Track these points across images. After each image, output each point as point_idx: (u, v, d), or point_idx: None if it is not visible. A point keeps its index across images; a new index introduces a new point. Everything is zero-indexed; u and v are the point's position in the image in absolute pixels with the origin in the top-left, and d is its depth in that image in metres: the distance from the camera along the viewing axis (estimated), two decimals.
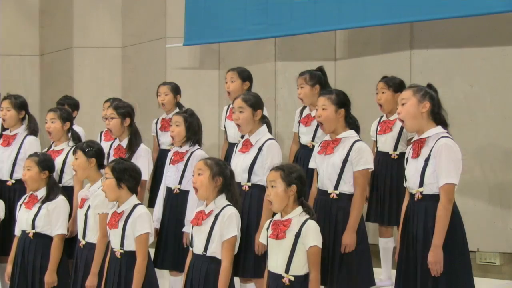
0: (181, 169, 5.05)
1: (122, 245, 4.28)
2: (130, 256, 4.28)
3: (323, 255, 3.95)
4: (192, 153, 5.04)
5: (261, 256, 4.51)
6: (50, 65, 9.63)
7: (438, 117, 3.98)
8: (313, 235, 3.81)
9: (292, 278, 3.79)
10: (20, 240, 5.01)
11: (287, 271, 3.81)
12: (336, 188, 4.32)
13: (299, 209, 3.89)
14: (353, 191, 4.31)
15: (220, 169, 4.10)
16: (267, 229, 3.96)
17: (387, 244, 5.47)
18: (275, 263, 3.87)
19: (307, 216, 3.87)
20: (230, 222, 4.00)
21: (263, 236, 4.03)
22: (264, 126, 4.76)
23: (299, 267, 3.80)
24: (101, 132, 6.50)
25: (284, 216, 3.89)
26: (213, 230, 4.01)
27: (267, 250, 3.96)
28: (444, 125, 3.99)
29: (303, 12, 6.61)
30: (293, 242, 3.80)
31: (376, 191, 5.36)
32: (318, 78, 5.55)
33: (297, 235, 3.80)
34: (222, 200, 4.09)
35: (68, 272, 4.87)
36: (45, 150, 5.55)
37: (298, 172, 3.93)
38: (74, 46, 9.07)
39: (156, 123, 6.57)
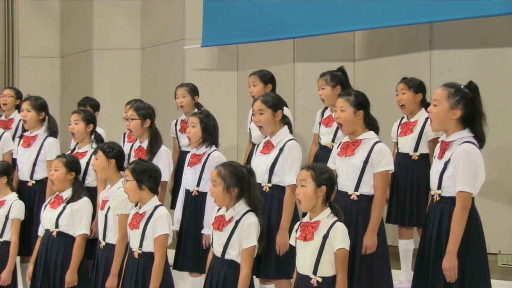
0: (199, 171, 5.05)
1: (141, 245, 4.30)
2: (148, 257, 4.29)
3: None
4: (209, 154, 5.03)
5: (282, 257, 4.52)
6: (70, 67, 9.70)
7: (469, 120, 3.91)
8: (340, 237, 3.79)
9: (320, 280, 3.78)
10: (44, 238, 5.04)
11: (315, 272, 3.80)
12: (356, 189, 4.30)
13: (327, 210, 3.88)
14: (373, 193, 4.29)
15: (235, 180, 4.04)
16: (296, 231, 3.96)
17: (407, 246, 5.45)
18: (303, 265, 3.86)
19: (336, 218, 3.86)
20: (249, 232, 3.99)
21: (292, 238, 4.03)
22: (285, 127, 4.75)
23: (327, 269, 3.79)
24: (124, 134, 6.53)
25: (313, 218, 3.88)
26: (232, 237, 4.01)
27: (295, 252, 3.95)
28: (478, 126, 3.90)
29: (322, 13, 6.60)
30: (321, 244, 3.79)
31: (396, 192, 5.35)
32: (339, 79, 5.54)
33: (325, 237, 3.79)
34: (241, 206, 4.07)
35: (88, 273, 4.89)
36: (69, 152, 5.59)
37: (329, 173, 3.92)
38: (94, 48, 9.13)
39: (176, 124, 6.59)
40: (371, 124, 4.41)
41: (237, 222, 4.02)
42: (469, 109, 3.90)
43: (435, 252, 3.89)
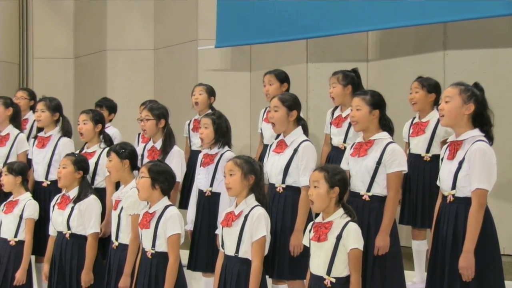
0: (212, 171, 5.05)
1: (153, 245, 4.30)
2: (161, 257, 4.29)
3: None
4: (221, 155, 5.04)
5: (295, 258, 4.51)
6: (84, 68, 9.74)
7: (479, 119, 3.93)
8: (354, 237, 3.78)
9: (334, 280, 3.78)
10: (57, 241, 5.07)
11: (328, 273, 3.79)
12: (368, 190, 4.29)
13: (340, 211, 3.87)
14: (386, 193, 4.28)
15: (251, 167, 4.10)
16: (310, 231, 3.96)
17: (420, 247, 5.43)
18: (317, 265, 3.86)
19: (349, 219, 3.85)
20: (259, 223, 4.00)
21: (305, 238, 4.03)
22: (299, 127, 4.75)
23: (341, 269, 3.78)
24: (139, 134, 6.55)
25: (326, 219, 3.88)
26: (243, 230, 4.02)
27: (309, 252, 3.95)
28: (488, 126, 3.93)
29: (335, 13, 6.60)
30: (334, 245, 3.78)
31: (408, 193, 5.33)
32: (351, 79, 5.53)
33: (338, 237, 3.78)
34: (251, 200, 4.10)
35: (103, 272, 4.90)
36: (77, 151, 5.61)
37: (342, 174, 3.92)
38: (108, 49, 9.17)
39: (189, 124, 6.61)
40: (386, 125, 4.40)
41: (246, 216, 4.03)
42: (480, 107, 3.92)
43: (451, 253, 3.87)
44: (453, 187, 3.92)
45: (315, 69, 7.30)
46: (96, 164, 5.46)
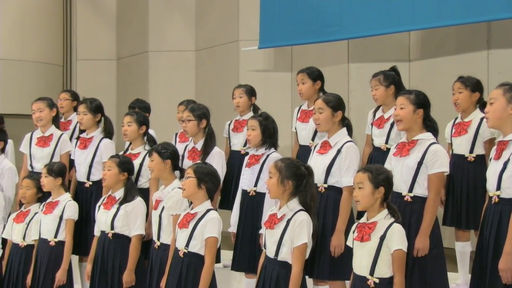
0: (257, 171, 5.06)
1: (187, 245, 4.31)
2: (192, 257, 4.30)
3: None
4: (268, 156, 5.04)
5: (336, 259, 4.49)
6: (126, 69, 9.85)
7: None
8: (398, 238, 3.77)
9: (377, 281, 3.77)
10: (100, 240, 5.13)
11: (371, 273, 3.78)
12: (410, 190, 4.25)
13: (385, 211, 3.86)
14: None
15: (291, 172, 4.04)
16: (353, 232, 3.94)
17: (463, 248, 5.36)
18: (359, 265, 3.85)
19: (393, 219, 3.83)
20: (301, 229, 3.96)
21: (349, 239, 4.01)
22: (344, 128, 4.73)
23: (384, 270, 3.77)
24: (176, 134, 6.59)
25: (370, 219, 3.87)
26: (285, 235, 3.99)
27: (351, 253, 3.94)
28: None
29: (377, 14, 6.56)
30: (378, 245, 3.77)
31: (452, 194, 5.27)
32: (392, 79, 5.49)
33: (382, 238, 3.76)
34: (294, 204, 4.05)
35: (145, 273, 4.95)
36: (122, 153, 5.67)
37: (385, 174, 3.91)
38: (150, 50, 9.25)
39: (229, 124, 6.62)
40: (430, 126, 4.35)
41: (289, 221, 4.00)
42: None
43: (493, 255, 3.82)
44: (498, 187, 3.86)
45: (356, 69, 7.27)
46: (141, 165, 5.51)
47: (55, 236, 5.39)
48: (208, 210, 4.36)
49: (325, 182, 4.63)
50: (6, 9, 9.30)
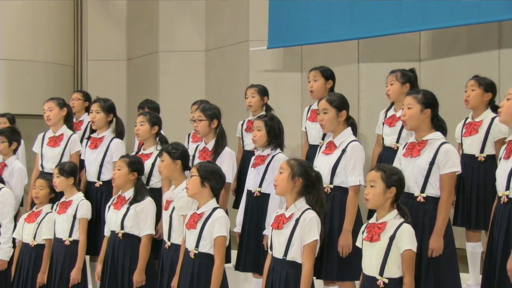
0: (262, 172, 5.05)
1: (197, 245, 4.32)
2: (203, 258, 4.32)
3: None
4: (273, 156, 5.03)
5: (344, 259, 4.49)
6: (136, 69, 9.87)
7: None
8: (407, 238, 3.76)
9: (386, 281, 3.76)
10: (110, 240, 5.14)
11: (381, 273, 3.77)
12: (422, 191, 4.24)
13: (394, 212, 3.85)
14: (440, 195, 4.22)
15: (302, 170, 4.06)
16: (363, 232, 3.94)
17: (474, 249, 5.34)
18: (369, 266, 3.84)
19: (402, 220, 3.83)
20: (311, 226, 3.97)
21: (358, 240, 4.01)
22: (349, 128, 4.73)
23: (394, 270, 3.76)
24: (189, 134, 6.60)
25: (379, 219, 3.86)
26: (294, 234, 3.99)
27: (360, 254, 3.93)
28: None
29: (388, 14, 6.55)
30: (387, 245, 3.77)
31: (462, 194, 5.25)
32: (409, 78, 5.48)
33: (392, 238, 3.76)
34: (301, 203, 4.06)
35: (156, 272, 4.95)
36: (133, 153, 5.68)
37: (399, 175, 3.90)
38: (160, 50, 9.27)
39: (242, 124, 6.63)
40: (438, 126, 4.34)
41: (297, 219, 4.00)
42: None
43: (502, 255, 3.81)
44: (507, 187, 3.85)
45: (366, 69, 7.25)
46: (153, 165, 5.51)
47: (70, 236, 5.41)
48: (214, 209, 4.37)
49: (331, 182, 4.62)
50: (17, 10, 9.33)
